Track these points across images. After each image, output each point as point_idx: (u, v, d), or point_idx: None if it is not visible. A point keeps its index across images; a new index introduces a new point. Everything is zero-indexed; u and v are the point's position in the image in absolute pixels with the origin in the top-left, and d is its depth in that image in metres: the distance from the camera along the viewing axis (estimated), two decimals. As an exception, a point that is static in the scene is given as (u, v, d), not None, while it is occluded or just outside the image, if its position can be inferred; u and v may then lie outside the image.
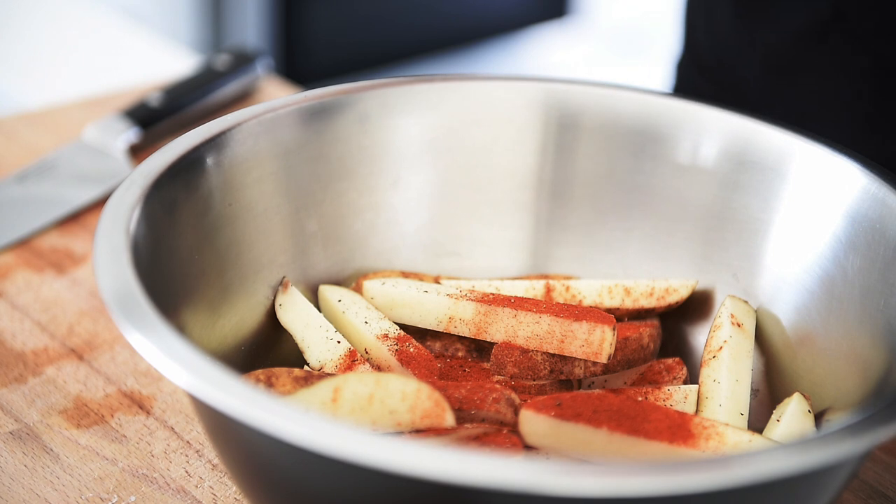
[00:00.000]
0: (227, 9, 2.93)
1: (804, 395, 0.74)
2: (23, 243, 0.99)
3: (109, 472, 0.75)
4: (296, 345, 0.77)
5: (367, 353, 0.76)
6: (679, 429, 0.65)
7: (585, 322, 0.73)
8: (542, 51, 3.63)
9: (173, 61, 1.42)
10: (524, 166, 0.86)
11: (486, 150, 0.86)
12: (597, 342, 0.73)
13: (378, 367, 0.75)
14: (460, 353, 0.79)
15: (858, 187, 0.76)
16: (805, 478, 0.58)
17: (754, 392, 0.78)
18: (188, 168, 0.73)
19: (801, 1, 1.01)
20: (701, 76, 1.12)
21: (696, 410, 0.74)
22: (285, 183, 0.80)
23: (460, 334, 0.77)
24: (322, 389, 0.63)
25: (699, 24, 1.13)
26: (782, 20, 1.03)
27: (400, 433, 0.64)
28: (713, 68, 1.11)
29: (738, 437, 0.66)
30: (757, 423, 0.75)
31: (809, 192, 0.79)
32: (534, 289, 0.81)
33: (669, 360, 0.79)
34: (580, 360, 0.74)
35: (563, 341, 0.73)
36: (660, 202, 0.84)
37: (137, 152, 1.11)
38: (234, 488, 0.75)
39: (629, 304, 0.81)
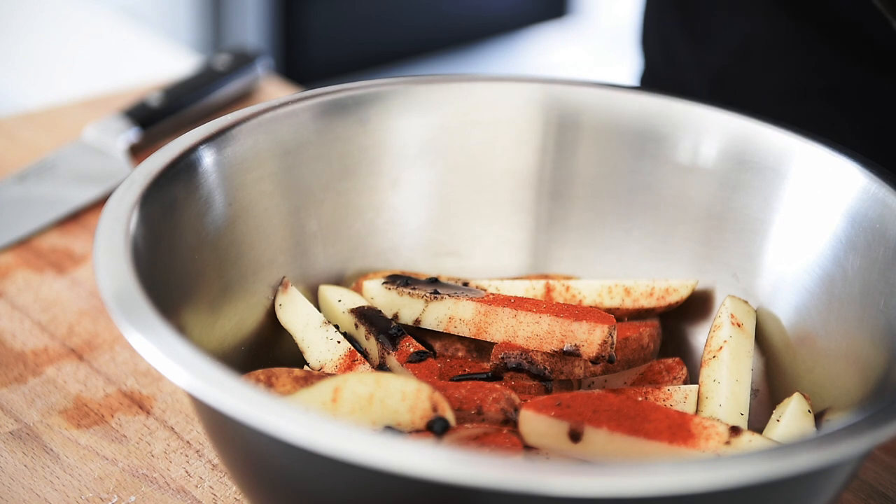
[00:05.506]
0: (227, 9, 2.93)
1: (804, 395, 0.74)
2: (23, 243, 0.99)
3: (109, 472, 0.75)
4: (296, 345, 0.77)
5: (366, 353, 0.76)
6: (679, 429, 0.65)
7: (585, 322, 0.73)
8: (542, 51, 3.63)
9: (173, 61, 1.42)
10: (524, 166, 0.86)
11: (486, 150, 0.86)
12: (597, 342, 0.73)
13: (378, 367, 0.75)
14: (460, 353, 0.79)
15: (858, 187, 0.76)
16: (805, 478, 0.58)
17: (754, 392, 0.78)
18: (188, 168, 0.73)
19: (738, 22, 1.02)
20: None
21: (696, 410, 0.74)
22: (285, 183, 0.80)
23: (460, 334, 0.77)
24: (322, 389, 0.63)
25: (652, 44, 1.14)
26: (722, 41, 1.04)
27: (400, 433, 0.64)
28: (670, 86, 1.11)
29: (738, 438, 0.66)
30: (757, 423, 0.75)
31: (809, 192, 0.79)
32: (534, 289, 0.81)
33: (669, 360, 0.79)
34: (580, 360, 0.74)
35: (563, 341, 0.73)
36: (660, 202, 0.84)
37: (137, 152, 1.11)
38: (234, 488, 0.75)
39: (629, 304, 0.81)
